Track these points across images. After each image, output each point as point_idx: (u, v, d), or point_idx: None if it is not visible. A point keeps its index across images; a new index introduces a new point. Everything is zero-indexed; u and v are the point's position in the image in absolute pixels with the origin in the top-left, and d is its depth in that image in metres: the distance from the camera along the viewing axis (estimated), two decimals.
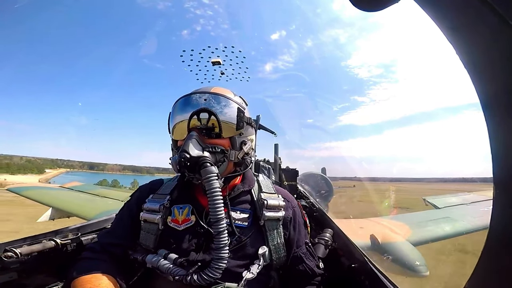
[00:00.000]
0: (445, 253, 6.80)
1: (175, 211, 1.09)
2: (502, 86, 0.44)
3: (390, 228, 5.66)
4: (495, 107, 0.47)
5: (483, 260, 0.51)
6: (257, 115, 2.48)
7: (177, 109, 1.09)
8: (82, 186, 11.33)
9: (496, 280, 0.50)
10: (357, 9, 0.49)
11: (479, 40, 0.45)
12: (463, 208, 7.61)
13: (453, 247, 6.71)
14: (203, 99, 1.05)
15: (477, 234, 5.71)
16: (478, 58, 0.46)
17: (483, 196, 8.31)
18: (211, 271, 0.92)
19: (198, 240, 1.04)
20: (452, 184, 43.43)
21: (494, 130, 0.47)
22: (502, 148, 0.47)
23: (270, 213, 1.10)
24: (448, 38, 0.46)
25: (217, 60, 2.91)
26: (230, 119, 1.06)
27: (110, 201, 8.68)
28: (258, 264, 1.03)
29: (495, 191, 0.48)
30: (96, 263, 1.00)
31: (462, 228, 5.99)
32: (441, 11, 0.46)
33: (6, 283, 1.10)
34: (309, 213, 2.07)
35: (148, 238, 1.06)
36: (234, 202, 1.13)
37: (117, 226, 1.19)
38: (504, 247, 0.48)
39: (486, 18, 0.40)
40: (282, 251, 1.11)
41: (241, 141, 1.11)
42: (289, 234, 1.15)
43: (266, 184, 1.23)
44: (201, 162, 0.96)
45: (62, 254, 1.28)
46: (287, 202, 1.19)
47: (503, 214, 0.48)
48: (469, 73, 0.47)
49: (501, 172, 0.48)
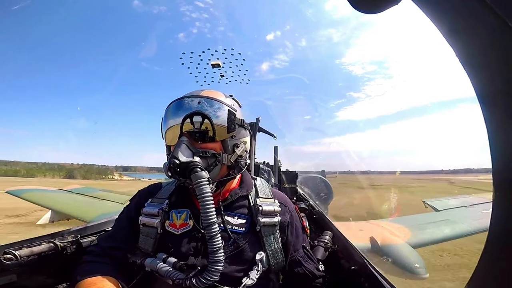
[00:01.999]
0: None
1: (173, 215, 1.09)
2: (502, 89, 0.45)
3: (390, 230, 5.66)
4: (495, 109, 0.47)
5: (483, 263, 0.51)
6: (256, 118, 2.48)
7: (170, 113, 1.09)
8: (80, 188, 11.29)
9: (496, 283, 0.50)
10: (358, 12, 0.50)
11: (478, 42, 0.45)
12: (463, 210, 7.60)
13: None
14: (196, 102, 1.05)
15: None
16: (477, 60, 0.47)
17: (482, 198, 8.31)
18: (208, 274, 0.93)
19: (196, 244, 1.04)
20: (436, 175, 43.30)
21: (494, 133, 0.47)
22: (501, 151, 0.47)
23: (265, 219, 1.09)
24: (447, 40, 0.46)
25: (216, 63, 2.91)
26: (221, 122, 1.05)
27: (109, 203, 8.65)
28: (256, 270, 1.03)
29: (494, 193, 0.48)
30: (98, 266, 1.02)
31: (462, 230, 5.98)
32: (441, 13, 0.47)
33: (6, 286, 1.10)
34: (308, 216, 2.07)
35: (147, 242, 1.07)
36: (232, 207, 1.13)
37: (117, 229, 1.19)
38: (504, 249, 0.48)
39: (485, 20, 0.41)
40: (280, 256, 1.11)
41: (234, 143, 1.11)
42: (286, 239, 1.15)
43: (263, 189, 1.23)
44: (190, 168, 0.95)
45: (61, 256, 1.28)
46: (284, 207, 1.19)
47: (503, 217, 0.48)
48: (468, 75, 0.47)
49: (501, 174, 0.48)
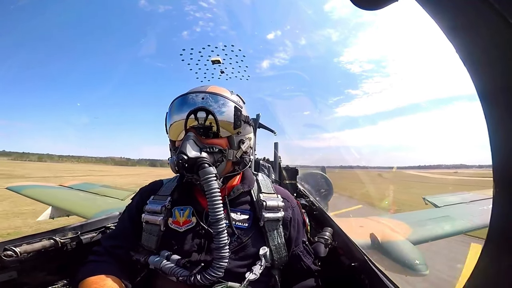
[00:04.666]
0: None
1: (176, 212, 1.10)
2: (502, 86, 0.44)
3: (390, 227, 5.67)
4: (495, 106, 0.47)
5: (482, 259, 0.51)
6: (257, 114, 2.47)
7: (174, 108, 1.09)
8: (81, 184, 11.30)
9: (496, 279, 0.50)
10: (358, 8, 0.49)
11: (479, 40, 0.45)
12: (463, 207, 7.61)
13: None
14: (200, 98, 1.04)
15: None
16: (478, 57, 0.46)
17: (482, 195, 8.31)
18: (213, 270, 0.93)
19: (199, 241, 1.04)
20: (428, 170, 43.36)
21: (494, 129, 0.47)
22: (501, 147, 0.47)
23: (269, 214, 1.10)
24: (448, 37, 0.46)
25: (216, 59, 2.89)
26: (228, 118, 1.05)
27: (110, 199, 8.66)
28: (260, 265, 1.04)
29: (494, 189, 0.48)
30: (101, 265, 1.02)
31: (462, 227, 5.99)
32: (442, 10, 0.46)
33: (6, 282, 1.11)
34: (309, 212, 2.07)
35: (150, 240, 1.07)
36: (235, 203, 1.14)
37: (119, 228, 1.21)
38: (504, 246, 0.48)
39: (486, 17, 0.40)
40: (283, 251, 1.12)
41: (239, 140, 1.11)
42: (289, 234, 1.16)
43: (265, 184, 1.23)
44: (199, 163, 0.95)
45: (62, 253, 1.29)
46: (287, 202, 1.20)
47: (503, 213, 0.48)
48: (469, 73, 0.46)
49: (501, 171, 0.48)
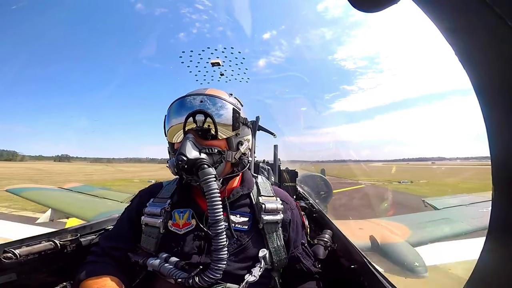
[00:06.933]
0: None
1: (176, 215, 1.10)
2: (501, 87, 0.45)
3: (390, 229, 5.68)
4: (494, 107, 0.47)
5: (482, 261, 0.51)
6: (256, 117, 2.47)
7: (173, 111, 1.09)
8: (80, 186, 11.27)
9: (496, 281, 0.50)
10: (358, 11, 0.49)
11: (478, 41, 0.45)
12: (462, 209, 7.62)
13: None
14: (199, 101, 1.05)
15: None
16: (477, 59, 0.47)
17: (482, 197, 8.33)
18: (211, 272, 0.93)
19: (199, 243, 1.04)
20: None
21: (493, 131, 0.48)
22: (500, 149, 0.47)
23: (268, 216, 1.10)
24: (446, 38, 0.46)
25: (216, 61, 2.89)
26: (226, 120, 1.06)
27: (109, 202, 8.64)
28: (259, 267, 1.04)
29: (494, 192, 0.48)
30: (100, 266, 1.03)
31: (462, 229, 6.00)
32: (440, 12, 0.47)
33: (5, 284, 1.10)
34: (308, 214, 2.07)
35: (149, 242, 1.07)
36: (234, 205, 1.14)
37: (117, 229, 1.21)
38: (503, 248, 0.48)
39: (485, 19, 0.41)
40: (282, 253, 1.12)
41: (238, 141, 1.12)
42: (288, 236, 1.16)
43: (264, 187, 1.24)
44: (198, 164, 0.96)
45: (61, 255, 1.28)
46: (286, 205, 1.20)
47: (502, 215, 0.48)
48: (467, 73, 0.47)
49: (500, 172, 0.48)
